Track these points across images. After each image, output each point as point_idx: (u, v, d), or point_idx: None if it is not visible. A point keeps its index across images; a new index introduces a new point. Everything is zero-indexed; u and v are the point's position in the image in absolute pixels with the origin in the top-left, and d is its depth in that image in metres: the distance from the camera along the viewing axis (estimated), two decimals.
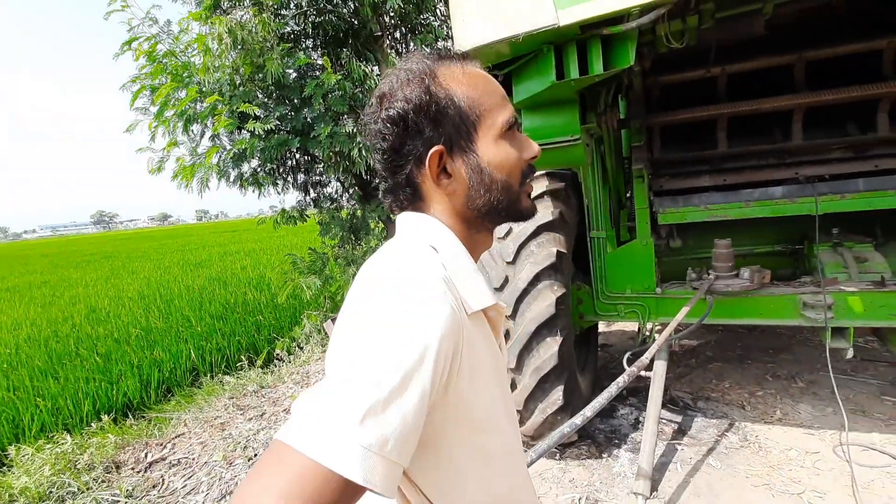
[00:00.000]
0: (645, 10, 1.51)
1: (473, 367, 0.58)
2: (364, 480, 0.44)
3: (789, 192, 2.48)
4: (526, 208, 0.70)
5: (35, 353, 5.17)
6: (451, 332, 0.53)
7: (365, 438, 0.45)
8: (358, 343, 0.50)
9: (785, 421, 2.92)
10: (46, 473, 2.93)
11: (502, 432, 0.66)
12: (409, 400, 0.48)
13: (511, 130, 0.67)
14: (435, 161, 0.64)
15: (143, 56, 5.39)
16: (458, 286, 0.60)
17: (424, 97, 0.62)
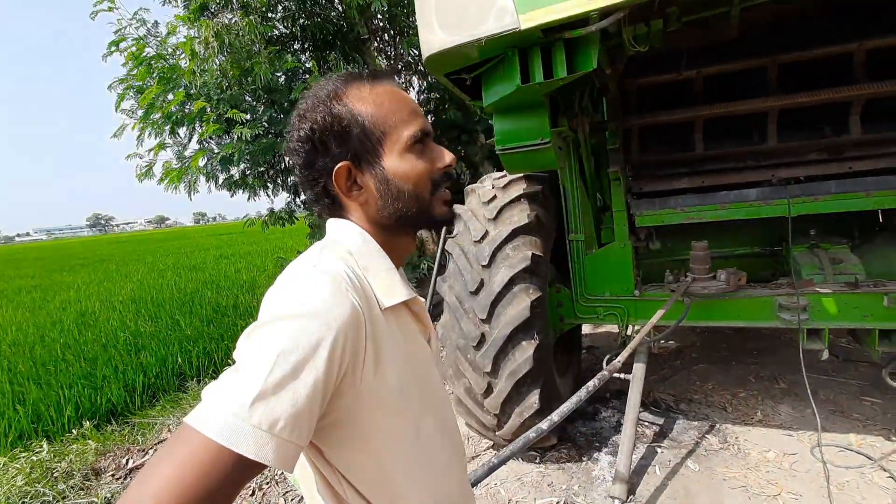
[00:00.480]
0: (604, 13, 1.51)
1: (380, 357, 0.64)
2: (255, 455, 0.51)
3: (763, 195, 2.48)
4: (440, 215, 0.75)
5: (19, 358, 5.13)
6: (350, 325, 0.59)
7: (255, 418, 0.51)
8: (260, 334, 0.57)
9: (765, 422, 2.92)
10: (19, 483, 2.89)
11: (418, 417, 0.71)
12: (301, 385, 0.54)
13: (419, 144, 0.72)
14: (342, 175, 0.71)
15: (131, 59, 5.38)
16: (371, 284, 0.68)
17: (328, 118, 0.70)
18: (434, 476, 0.74)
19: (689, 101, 2.67)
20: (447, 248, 2.71)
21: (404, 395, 0.68)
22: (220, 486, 0.50)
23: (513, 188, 2.73)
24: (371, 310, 0.65)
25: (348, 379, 0.61)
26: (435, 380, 0.79)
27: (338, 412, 0.62)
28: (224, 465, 0.50)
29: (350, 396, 0.62)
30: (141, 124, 5.29)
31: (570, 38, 1.63)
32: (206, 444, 0.50)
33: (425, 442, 0.72)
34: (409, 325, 0.74)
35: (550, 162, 2.13)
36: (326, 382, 0.56)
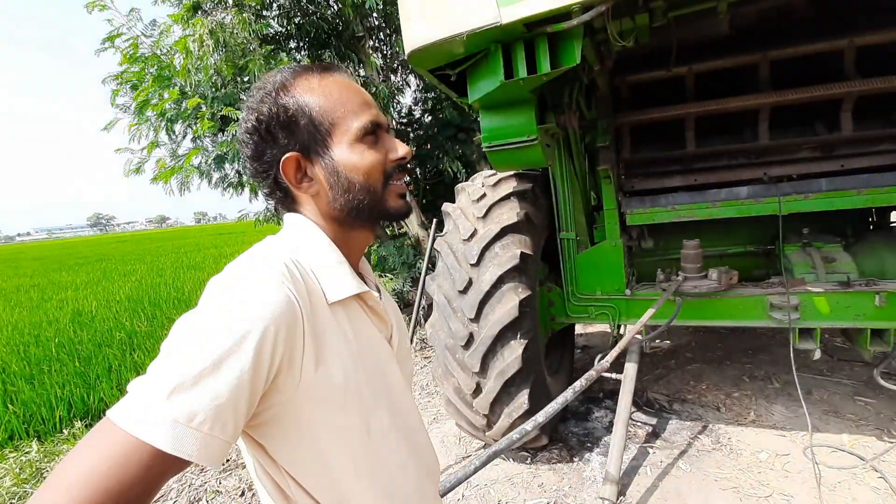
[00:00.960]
0: (586, 7, 1.48)
1: (322, 351, 0.63)
2: (173, 449, 0.49)
3: (754, 193, 2.45)
4: (394, 208, 0.73)
5: (12, 358, 5.12)
6: (283, 319, 0.57)
7: (172, 411, 0.50)
8: (186, 327, 0.55)
9: (758, 423, 2.89)
10: (7, 484, 2.88)
11: (368, 415, 0.69)
12: (224, 379, 0.52)
13: (371, 135, 0.71)
14: (290, 166, 0.69)
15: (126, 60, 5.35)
16: (318, 278, 0.67)
17: (273, 109, 0.69)
18: (386, 475, 0.71)
19: (681, 99, 2.65)
20: (436, 247, 2.69)
21: (351, 392, 0.66)
22: (136, 479, 0.48)
23: (502, 186, 2.70)
24: (314, 304, 0.63)
25: (284, 373, 0.59)
26: (392, 377, 0.77)
27: (277, 407, 0.60)
28: (140, 458, 0.49)
29: (289, 391, 0.60)
30: (135, 121, 5.26)
31: (554, 33, 1.61)
32: (124, 437, 0.49)
33: (376, 440, 0.70)
34: (361, 320, 0.72)
35: (538, 159, 2.11)
36: (254, 376, 0.54)
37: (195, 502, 2.88)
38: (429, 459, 0.84)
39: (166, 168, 5.37)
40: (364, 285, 0.73)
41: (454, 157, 6.57)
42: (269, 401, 0.59)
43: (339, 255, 0.71)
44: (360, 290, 0.71)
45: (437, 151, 6.68)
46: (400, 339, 0.84)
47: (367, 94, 0.73)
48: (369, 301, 0.75)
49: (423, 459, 0.81)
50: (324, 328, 0.64)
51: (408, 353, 0.89)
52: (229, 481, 3.00)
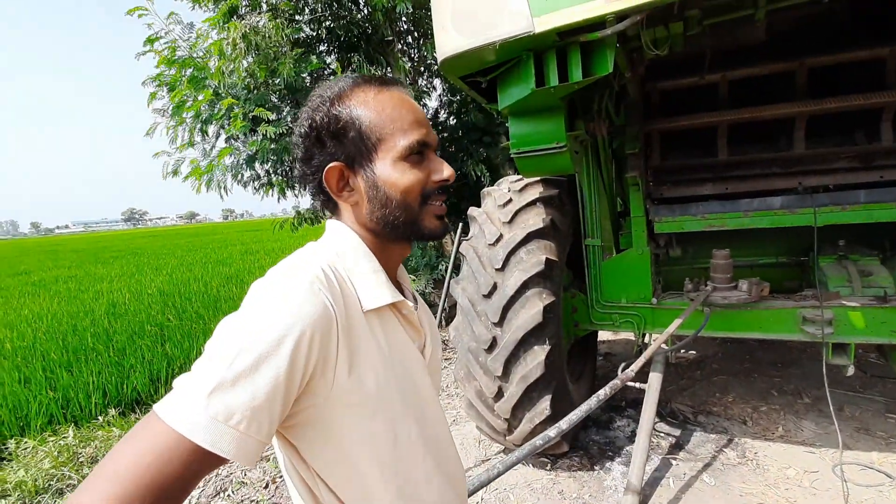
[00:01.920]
0: (621, 17, 1.49)
1: (356, 358, 0.64)
2: (210, 445, 0.52)
3: (788, 203, 2.39)
4: (429, 229, 0.74)
5: (51, 346, 5.35)
6: (319, 324, 0.59)
7: (212, 409, 0.52)
8: (228, 329, 0.58)
9: (786, 438, 2.82)
10: (46, 466, 3.02)
11: (397, 424, 0.70)
12: (261, 381, 0.54)
13: (416, 155, 0.71)
14: (332, 175, 0.72)
15: (163, 62, 5.56)
16: (355, 285, 0.69)
17: (326, 118, 0.71)
18: (410, 485, 0.72)
19: (714, 106, 2.61)
20: (461, 251, 2.71)
21: (382, 400, 0.67)
22: (176, 473, 0.51)
23: (529, 192, 2.71)
24: (349, 311, 0.65)
25: (318, 377, 0.61)
26: (423, 388, 0.77)
27: (310, 410, 0.62)
28: (181, 452, 0.51)
29: (322, 395, 0.62)
30: (172, 123, 5.46)
31: (586, 42, 1.61)
32: (167, 431, 0.52)
33: (403, 449, 0.71)
34: (395, 329, 0.74)
35: (566, 166, 2.11)
36: (289, 379, 0.56)
37: (221, 492, 2.97)
38: (455, 472, 0.83)
39: (199, 167, 5.54)
40: (399, 294, 0.74)
41: (478, 160, 6.59)
42: (302, 403, 0.61)
43: (375, 264, 0.73)
44: (394, 300, 0.72)
45: (462, 154, 6.71)
46: (433, 349, 0.84)
47: (420, 113, 0.74)
48: (404, 310, 0.75)
49: (449, 472, 0.81)
50: (358, 335, 0.65)
51: (439, 363, 0.90)
52: (254, 473, 3.08)
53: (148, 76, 5.60)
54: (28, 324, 6.83)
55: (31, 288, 11.63)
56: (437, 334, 0.90)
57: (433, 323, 0.90)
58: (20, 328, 6.51)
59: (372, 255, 0.73)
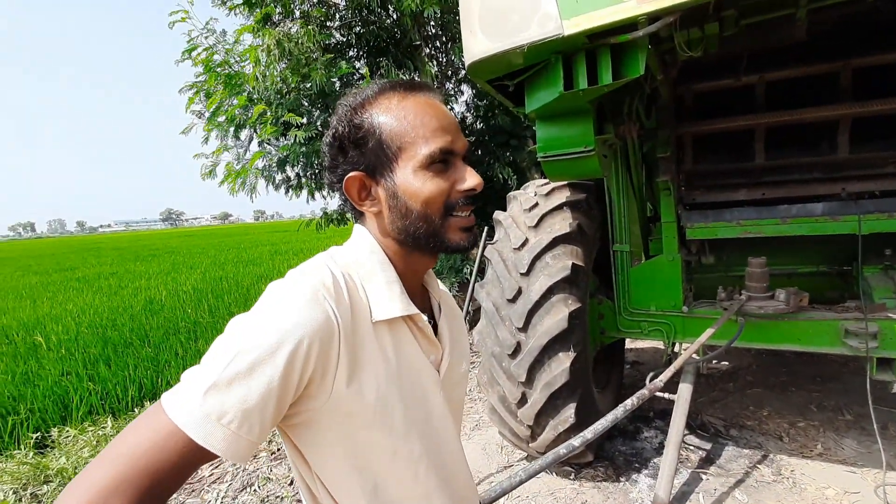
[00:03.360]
0: (653, 18, 1.45)
1: (357, 368, 0.64)
2: (202, 441, 0.54)
3: (831, 210, 2.28)
4: (453, 241, 0.70)
5: (92, 339, 5.60)
6: (318, 333, 0.59)
7: (207, 406, 0.55)
8: (234, 329, 0.60)
9: (826, 456, 2.68)
10: (85, 455, 3.15)
11: (397, 438, 0.69)
12: (254, 384, 0.56)
13: (439, 163, 0.68)
14: (352, 184, 0.71)
15: (200, 64, 5.77)
16: (368, 295, 0.69)
17: (347, 127, 0.70)
18: (407, 500, 0.71)
19: (748, 108, 2.52)
20: (486, 255, 2.70)
21: (383, 413, 0.66)
22: (171, 462, 0.54)
23: (555, 196, 2.68)
24: (356, 320, 0.65)
25: (317, 384, 0.61)
26: (433, 404, 0.75)
27: (309, 413, 0.63)
28: (176, 443, 0.54)
29: (321, 401, 0.62)
30: (208, 126, 5.65)
31: (617, 43, 1.58)
32: (166, 422, 0.54)
33: (402, 465, 0.70)
34: (407, 342, 0.72)
35: (594, 170, 2.07)
36: (283, 385, 0.57)
37: (247, 487, 3.04)
38: (463, 493, 0.80)
39: (234, 171, 5.71)
40: (412, 308, 0.71)
41: (505, 163, 6.56)
42: (301, 406, 0.62)
43: (390, 275, 0.71)
44: (405, 313, 0.70)
45: (489, 158, 6.69)
46: (452, 363, 0.81)
47: (447, 118, 0.70)
48: (419, 323, 0.73)
49: (455, 493, 0.78)
50: (362, 345, 0.65)
51: (461, 378, 0.86)
52: (280, 469, 3.14)
53: (185, 83, 5.81)
54: (72, 318, 7.16)
55: (76, 283, 12.22)
56: (463, 347, 0.88)
57: (461, 335, 0.87)
58: (65, 322, 6.84)
59: (389, 266, 0.72)
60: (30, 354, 5.27)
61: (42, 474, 3.09)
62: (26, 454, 3.26)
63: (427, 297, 0.83)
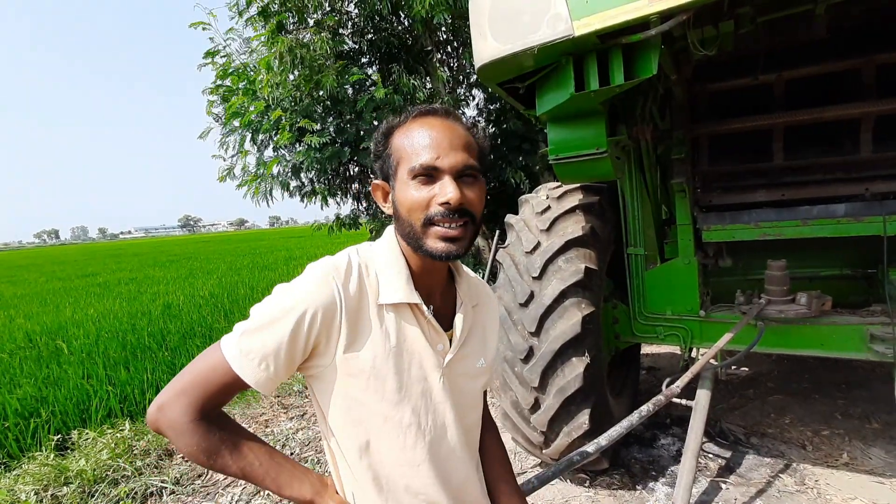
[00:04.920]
0: (666, 16, 1.43)
1: (356, 338, 0.79)
2: (236, 369, 0.76)
3: (854, 210, 2.21)
4: (430, 249, 0.79)
5: (112, 343, 5.71)
6: (322, 306, 0.76)
7: (241, 345, 0.76)
8: (269, 296, 0.80)
9: (852, 466, 2.59)
10: (104, 457, 3.20)
11: (389, 405, 0.81)
12: (270, 335, 0.75)
13: (423, 176, 0.78)
14: (375, 190, 0.87)
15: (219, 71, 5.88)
16: (380, 282, 0.82)
17: (375, 143, 0.86)
18: (391, 462, 0.83)
19: (767, 107, 2.46)
20: (498, 258, 2.68)
21: (376, 380, 0.80)
22: (217, 381, 0.76)
23: (567, 199, 2.65)
24: (362, 300, 0.80)
25: (322, 346, 0.78)
26: (431, 385, 0.85)
27: (320, 368, 0.81)
28: (221, 368, 0.76)
29: (327, 360, 0.80)
30: (226, 130, 5.75)
31: (629, 43, 1.56)
32: (219, 352, 0.77)
33: (392, 429, 0.82)
34: (409, 325, 0.83)
35: (607, 172, 2.04)
36: (292, 340, 0.75)
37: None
38: (457, 477, 0.88)
39: (250, 175, 5.79)
40: (414, 296, 0.82)
41: (517, 167, 6.54)
42: (313, 361, 0.80)
43: (400, 266, 0.83)
44: (406, 300, 0.81)
45: (501, 162, 6.67)
46: (464, 355, 0.90)
47: (441, 139, 0.78)
48: (424, 312, 0.84)
49: (448, 473, 0.87)
50: (362, 321, 0.80)
51: (478, 372, 0.93)
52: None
53: (206, 87, 5.93)
54: (93, 322, 7.31)
55: (97, 289, 12.49)
56: (486, 343, 0.96)
57: (487, 332, 0.97)
58: (86, 326, 6.99)
59: (401, 259, 0.84)
60: (52, 358, 5.38)
61: (62, 476, 3.14)
62: (47, 456, 3.32)
63: (454, 294, 0.92)
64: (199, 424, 0.75)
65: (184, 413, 0.74)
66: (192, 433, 0.75)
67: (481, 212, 0.83)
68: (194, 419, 0.75)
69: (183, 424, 0.74)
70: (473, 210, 0.80)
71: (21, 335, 6.75)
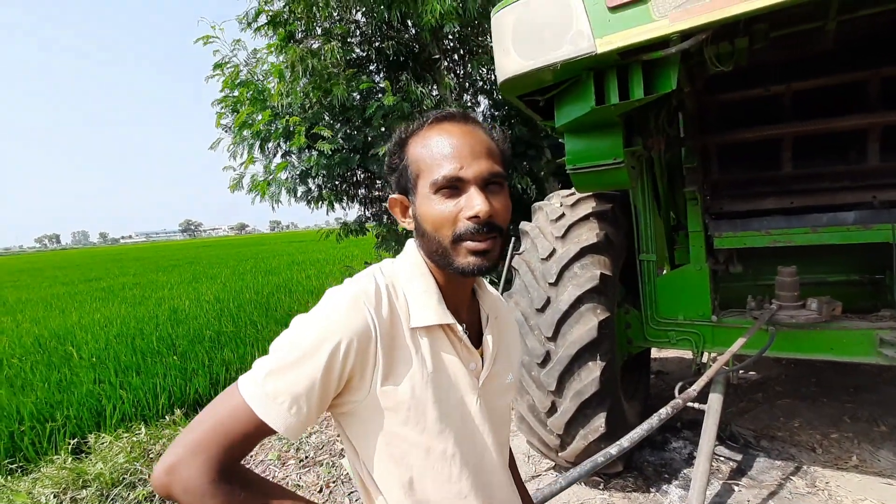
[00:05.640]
0: (686, 35, 1.49)
1: (393, 369, 0.72)
2: (262, 415, 0.66)
3: (863, 218, 2.27)
4: (460, 265, 0.72)
5: (121, 348, 5.75)
6: (357, 335, 0.68)
7: (266, 388, 0.66)
8: (293, 326, 0.71)
9: (862, 468, 2.64)
10: (121, 461, 3.24)
11: (431, 436, 0.74)
12: (301, 374, 0.66)
13: (448, 188, 0.71)
14: (393, 204, 0.81)
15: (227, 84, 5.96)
16: (409, 303, 0.75)
17: (389, 155, 0.81)
18: (439, 498, 0.76)
19: (776, 118, 2.53)
20: (514, 265, 2.74)
21: (416, 411, 0.73)
22: (239, 431, 0.66)
23: (581, 206, 2.71)
24: (394, 325, 0.72)
25: (356, 379, 0.70)
26: (469, 408, 0.79)
27: (353, 405, 0.72)
28: (243, 415, 0.66)
29: (361, 395, 0.71)
30: (236, 140, 5.82)
31: (648, 60, 1.63)
32: (239, 398, 0.67)
33: (436, 462, 0.75)
34: (443, 348, 0.77)
35: (623, 182, 2.10)
36: (326, 377, 0.67)
37: None
38: (499, 497, 0.83)
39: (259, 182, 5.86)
40: (447, 317, 0.75)
41: (523, 173, 6.61)
42: (346, 397, 0.71)
43: (429, 285, 0.77)
44: (439, 322, 0.75)
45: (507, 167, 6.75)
46: (495, 373, 0.84)
47: (463, 147, 0.72)
48: (456, 332, 0.78)
49: (493, 500, 0.81)
50: (399, 348, 0.72)
51: (507, 388, 0.88)
52: (308, 476, 3.19)
53: (215, 99, 6.00)
54: (100, 327, 7.35)
55: (101, 293, 12.51)
56: (512, 358, 0.91)
57: (511, 347, 0.91)
58: (94, 331, 7.02)
59: (428, 276, 0.78)
60: (62, 363, 5.42)
61: (80, 479, 3.19)
62: (65, 459, 3.37)
63: (478, 308, 0.87)
64: (221, 486, 0.63)
65: (202, 473, 0.63)
66: (213, 497, 0.63)
67: (508, 221, 0.76)
68: (214, 479, 0.63)
69: (201, 486, 0.62)
70: (501, 222, 0.73)
71: (30, 340, 6.80)
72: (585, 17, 1.56)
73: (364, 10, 5.96)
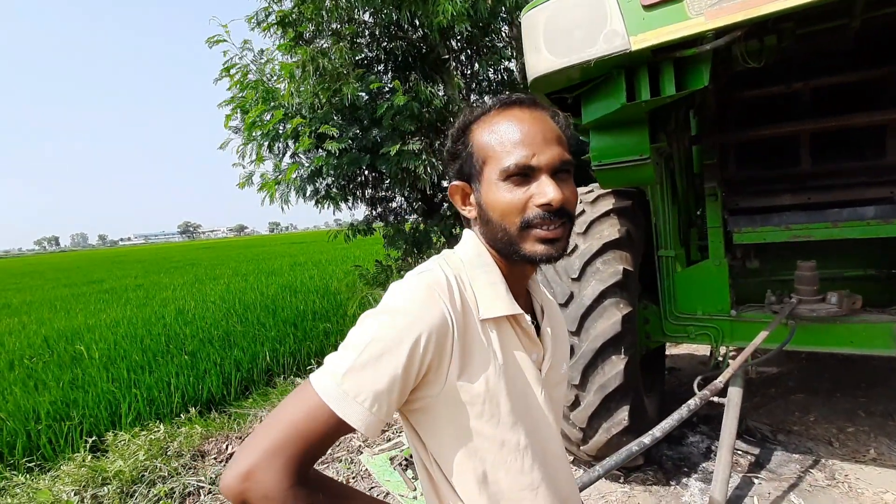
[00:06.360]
0: (720, 33, 1.52)
1: (468, 361, 0.71)
2: (341, 414, 0.64)
3: (883, 213, 2.31)
4: (529, 252, 0.72)
5: (131, 348, 5.76)
6: (435, 328, 0.67)
7: (345, 386, 0.64)
8: (364, 323, 0.69)
9: (880, 461, 2.67)
10: (140, 458, 3.26)
11: (505, 429, 0.74)
12: (382, 370, 0.64)
13: (518, 176, 0.71)
14: (454, 191, 0.80)
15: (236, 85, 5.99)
16: (476, 294, 0.74)
17: (451, 140, 0.80)
18: (513, 490, 0.76)
19: (794, 115, 2.56)
20: None
21: (490, 403, 0.72)
22: (318, 430, 0.64)
23: (601, 203, 2.74)
24: (466, 318, 0.71)
25: (433, 374, 0.69)
26: (535, 400, 0.79)
27: (426, 400, 0.71)
28: (323, 415, 0.64)
29: (436, 389, 0.70)
30: (246, 140, 5.85)
31: (681, 57, 1.66)
32: (315, 398, 0.64)
33: (509, 455, 0.74)
34: (510, 339, 0.76)
35: (648, 178, 2.14)
36: (406, 372, 0.65)
37: None
38: (565, 490, 0.83)
39: (269, 181, 5.88)
40: (516, 308, 0.75)
41: None
42: (419, 393, 0.70)
43: (494, 276, 0.76)
44: (509, 312, 0.74)
45: None
46: (554, 364, 0.84)
47: (533, 133, 0.71)
48: (522, 323, 0.77)
49: (560, 490, 0.81)
50: (472, 341, 0.71)
51: (562, 378, 0.89)
52: (327, 473, 3.20)
53: (224, 101, 6.03)
54: (108, 328, 7.36)
55: (105, 295, 12.51)
56: (564, 350, 0.91)
57: (562, 338, 0.91)
58: (102, 332, 7.03)
59: (494, 267, 0.77)
60: (73, 363, 5.44)
61: (100, 476, 3.20)
62: (84, 457, 3.38)
63: (531, 300, 0.88)
64: (301, 490, 0.62)
65: (283, 478, 0.60)
66: (295, 501, 0.61)
67: (576, 208, 0.76)
68: (294, 484, 0.61)
69: (282, 492, 0.60)
70: (571, 209, 0.73)
71: (39, 340, 6.81)
72: (620, 16, 1.59)
73: (372, 11, 6.00)
